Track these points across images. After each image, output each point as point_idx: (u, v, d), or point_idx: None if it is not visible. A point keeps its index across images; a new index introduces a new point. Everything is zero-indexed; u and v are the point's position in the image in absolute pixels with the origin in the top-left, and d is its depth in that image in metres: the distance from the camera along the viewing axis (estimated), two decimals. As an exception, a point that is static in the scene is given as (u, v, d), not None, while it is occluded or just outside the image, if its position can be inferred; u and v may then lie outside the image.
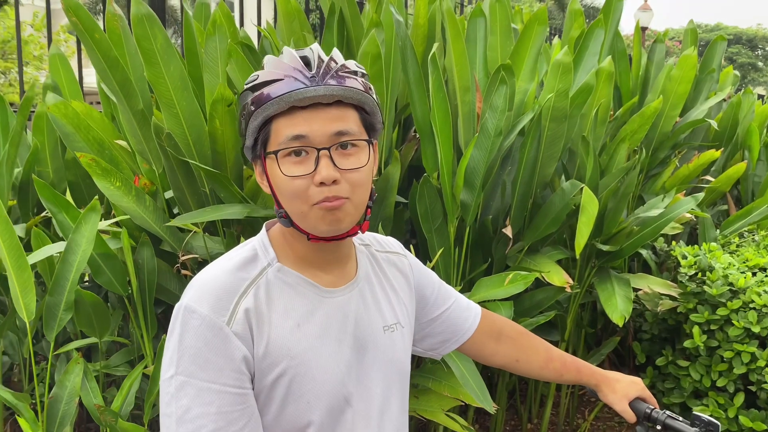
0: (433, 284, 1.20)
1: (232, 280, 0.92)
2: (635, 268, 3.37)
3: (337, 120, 0.90)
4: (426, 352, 1.24)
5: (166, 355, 0.89)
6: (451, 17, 2.22)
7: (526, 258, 2.45)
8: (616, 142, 2.65)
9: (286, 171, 0.89)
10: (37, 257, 1.97)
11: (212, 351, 0.86)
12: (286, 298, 0.94)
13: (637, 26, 3.56)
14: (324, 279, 0.99)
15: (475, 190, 2.18)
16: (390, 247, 1.16)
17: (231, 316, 0.89)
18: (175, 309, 0.90)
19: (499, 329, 1.27)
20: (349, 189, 0.91)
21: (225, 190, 2.03)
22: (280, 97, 0.88)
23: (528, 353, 1.27)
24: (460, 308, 1.23)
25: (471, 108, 2.36)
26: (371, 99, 0.94)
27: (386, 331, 1.04)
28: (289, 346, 0.92)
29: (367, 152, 0.93)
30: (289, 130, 0.89)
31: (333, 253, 0.99)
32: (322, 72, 0.89)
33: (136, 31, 1.86)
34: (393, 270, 1.12)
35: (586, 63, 2.59)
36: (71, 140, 2.26)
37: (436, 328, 1.20)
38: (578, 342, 2.96)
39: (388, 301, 1.07)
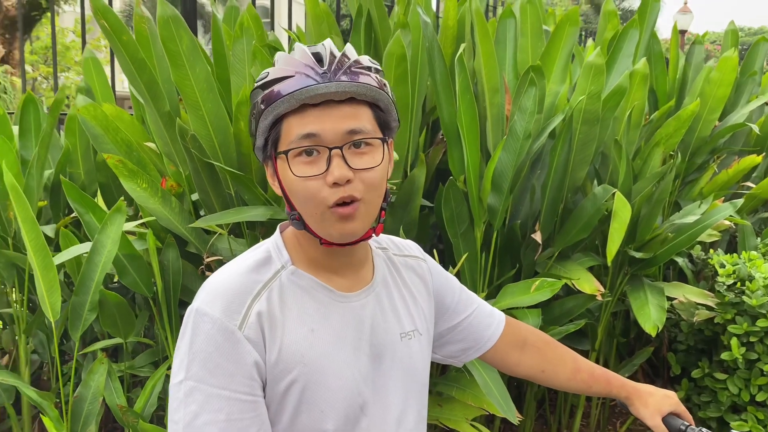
0: (454, 290, 1.15)
1: (245, 283, 0.89)
2: (671, 277, 3.26)
3: (350, 118, 0.86)
4: (446, 359, 1.20)
5: (176, 359, 0.86)
6: (479, 17, 2.18)
7: (556, 264, 2.39)
8: (650, 146, 2.57)
9: (297, 172, 0.86)
10: (64, 257, 1.98)
11: (223, 356, 0.84)
12: (300, 301, 0.91)
13: (675, 27, 3.46)
14: (339, 283, 0.95)
15: (502, 193, 2.13)
16: (408, 250, 1.12)
17: (243, 319, 0.86)
18: (187, 312, 0.88)
19: (524, 338, 1.22)
20: (363, 189, 0.87)
21: (249, 192, 2.02)
22: (290, 94, 0.84)
23: (554, 364, 1.21)
24: (483, 315, 1.18)
25: (500, 110, 2.31)
26: (386, 96, 0.90)
27: (404, 338, 1.00)
28: (302, 352, 0.88)
29: (381, 151, 0.89)
30: (300, 128, 0.85)
31: (347, 257, 0.96)
32: (335, 68, 0.86)
33: (162, 32, 1.87)
34: (411, 274, 1.08)
35: (620, 65, 2.52)
36: (100, 142, 2.28)
37: (457, 335, 1.16)
38: (610, 352, 2.87)
39: (405, 307, 1.03)
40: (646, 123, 2.89)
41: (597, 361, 2.73)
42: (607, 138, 2.51)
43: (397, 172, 2.15)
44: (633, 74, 2.45)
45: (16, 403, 2.38)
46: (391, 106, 0.92)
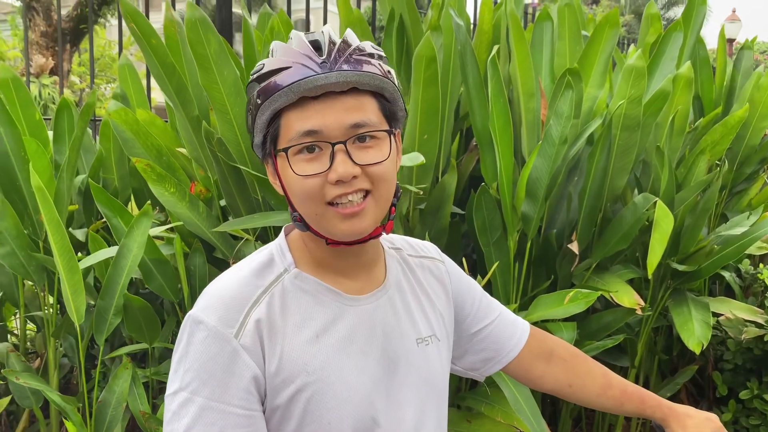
0: (474, 295, 1.08)
1: (243, 289, 0.84)
2: (717, 292, 3.11)
3: (354, 110, 0.80)
4: (467, 372, 1.12)
5: (172, 368, 0.82)
6: (514, 19, 2.11)
7: (593, 276, 2.28)
8: (695, 153, 2.45)
9: (298, 170, 0.81)
10: (91, 261, 1.98)
11: (218, 367, 0.79)
12: (304, 306, 0.86)
13: (722, 31, 3.32)
14: (347, 285, 0.89)
15: (537, 201, 2.05)
16: (424, 251, 1.05)
17: (240, 327, 0.81)
18: (184, 318, 0.83)
19: (550, 349, 1.13)
20: (370, 184, 0.82)
21: (275, 198, 1.99)
22: (288, 87, 0.79)
23: (583, 378, 1.12)
24: (506, 323, 1.10)
25: (535, 115, 2.24)
26: (391, 84, 0.84)
27: (420, 344, 0.93)
28: (305, 360, 0.83)
29: (389, 143, 0.84)
30: (300, 124, 0.80)
31: (357, 258, 0.90)
32: (335, 56, 0.80)
33: (190, 35, 1.86)
34: (428, 276, 1.01)
35: (663, 68, 2.41)
36: (130, 146, 2.29)
37: (478, 344, 1.08)
38: (651, 369, 2.74)
39: (422, 310, 0.96)
40: (691, 130, 2.76)
41: (637, 380, 2.61)
42: (648, 145, 2.40)
43: (427, 177, 2.09)
44: (677, 78, 2.34)
45: (45, 407, 2.39)
46: (397, 94, 0.86)
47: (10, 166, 2.17)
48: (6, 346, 2.30)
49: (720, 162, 2.95)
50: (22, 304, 2.38)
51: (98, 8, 10.49)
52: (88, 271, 2.21)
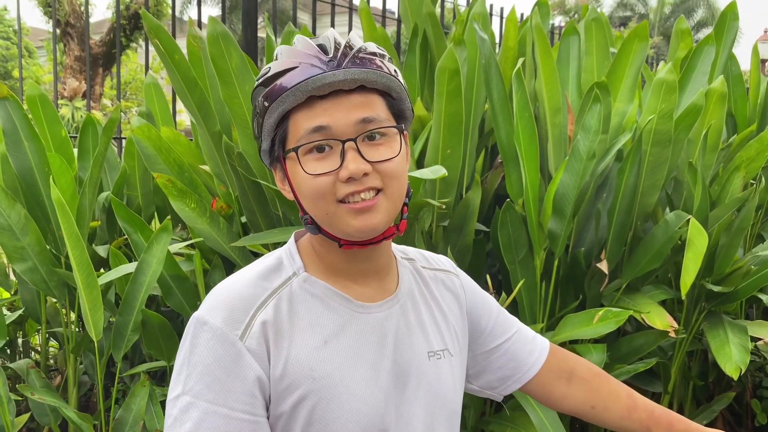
0: (491, 310, 1.03)
1: (250, 290, 0.82)
2: (754, 315, 2.99)
3: (362, 106, 0.79)
4: (483, 390, 1.06)
5: (174, 371, 0.79)
6: (540, 32, 2.08)
7: (624, 297, 2.20)
8: (729, 170, 2.36)
9: (308, 169, 0.79)
10: (111, 276, 1.97)
11: (222, 369, 0.76)
12: (312, 311, 0.83)
13: (755, 48, 3.24)
14: (358, 292, 0.86)
15: (564, 218, 1.98)
16: (438, 264, 1.01)
17: (246, 329, 0.78)
18: (189, 321, 0.81)
19: (572, 368, 1.07)
20: (382, 181, 0.79)
21: (295, 213, 1.96)
22: (295, 86, 0.77)
23: (606, 399, 1.05)
24: (524, 340, 1.05)
25: (562, 131, 2.18)
26: (397, 82, 0.82)
27: (432, 357, 0.89)
28: (311, 366, 0.79)
29: (399, 141, 0.82)
30: (309, 122, 0.78)
31: (369, 262, 0.86)
32: (341, 55, 0.78)
33: (212, 50, 1.85)
34: (442, 289, 0.97)
35: (694, 83, 2.34)
36: (152, 162, 2.28)
37: (495, 362, 1.03)
38: (685, 396, 2.63)
39: (434, 323, 0.93)
40: (724, 147, 2.68)
41: (670, 406, 2.50)
42: (680, 162, 2.33)
43: (451, 193, 2.04)
44: (709, 93, 2.27)
45: (64, 425, 2.37)
46: (404, 93, 0.84)
47: (34, 181, 2.18)
48: (26, 362, 2.29)
49: (755, 180, 2.85)
50: (44, 320, 2.38)
51: (130, 33, 10.76)
52: (108, 287, 2.20)
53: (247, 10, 3.31)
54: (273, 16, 3.09)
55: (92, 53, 10.42)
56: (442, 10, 4.08)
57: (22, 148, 2.15)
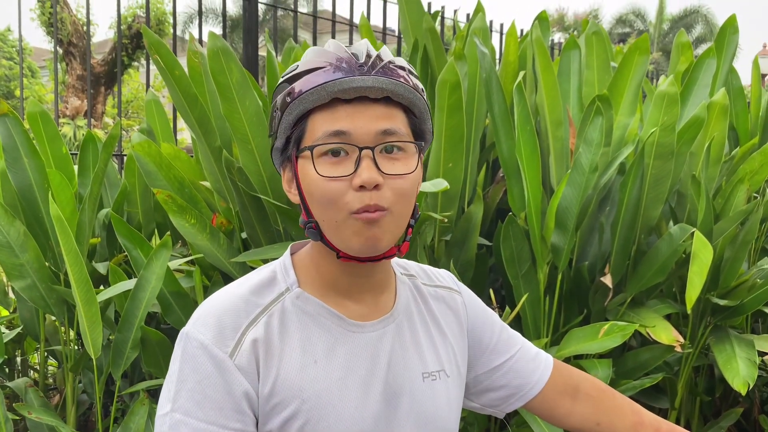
0: (493, 327, 1.01)
1: (241, 306, 0.80)
2: (759, 330, 2.96)
3: (384, 118, 0.77)
4: (485, 408, 1.04)
5: (165, 388, 0.77)
6: (540, 46, 2.08)
7: (628, 312, 2.18)
8: (732, 183, 2.35)
9: (322, 171, 0.77)
10: (110, 293, 1.95)
11: (212, 386, 0.74)
12: (304, 329, 0.81)
13: (756, 61, 3.24)
14: (352, 310, 0.84)
15: (567, 232, 1.97)
16: (440, 280, 0.99)
17: (236, 346, 0.76)
18: (178, 336, 0.79)
19: (576, 385, 1.04)
20: (392, 199, 0.77)
21: (296, 228, 1.94)
22: (321, 86, 0.76)
23: (612, 415, 1.03)
24: (527, 357, 1.02)
25: (563, 144, 2.17)
26: (423, 100, 0.81)
27: (426, 378, 0.87)
28: (301, 386, 0.77)
29: (416, 159, 0.80)
30: (329, 125, 0.76)
31: (367, 278, 0.84)
32: (371, 64, 0.77)
33: (212, 65, 1.85)
34: (442, 307, 0.95)
35: (696, 96, 2.34)
36: (153, 178, 2.27)
37: (498, 380, 1.00)
38: (692, 412, 2.59)
39: (431, 343, 0.90)
40: (727, 160, 2.66)
41: (678, 422, 2.46)
42: (683, 175, 2.31)
43: (452, 206, 2.03)
44: (711, 105, 2.26)
45: (62, 444, 2.34)
46: (427, 114, 0.83)
47: (34, 198, 2.17)
48: (24, 381, 2.27)
49: (758, 194, 2.83)
50: (43, 338, 2.35)
51: (132, 52, 10.84)
52: (108, 304, 2.17)
53: (248, 27, 3.32)
54: (274, 34, 3.10)
55: (94, 72, 10.49)
56: (442, 26, 4.10)
57: (21, 165, 2.15)
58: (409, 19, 2.43)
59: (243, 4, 3.28)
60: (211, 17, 17.37)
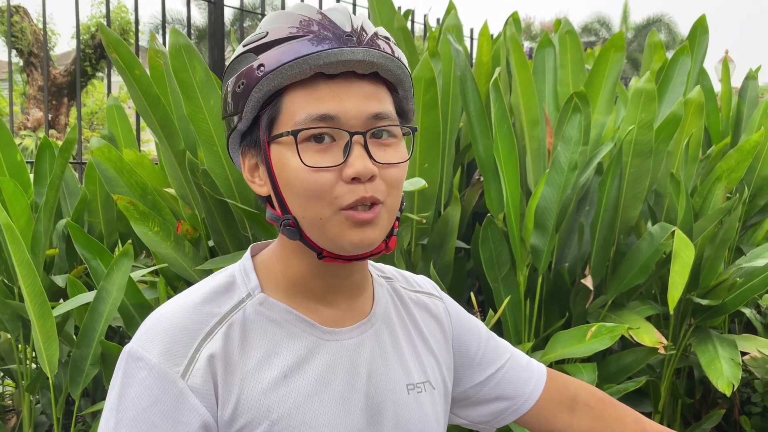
0: (480, 335, 0.92)
1: (194, 318, 0.69)
2: (737, 330, 2.94)
3: (373, 99, 0.68)
4: (476, 425, 0.94)
5: (104, 417, 0.66)
6: (515, 44, 2.03)
7: (610, 314, 2.13)
8: (710, 181, 2.32)
9: (308, 160, 0.66)
10: (68, 307, 1.83)
11: (160, 415, 0.64)
12: (270, 339, 0.71)
13: (725, 62, 3.26)
14: (325, 315, 0.74)
15: (547, 233, 1.91)
16: (420, 286, 0.90)
17: (189, 365, 0.66)
18: (121, 354, 0.68)
19: (573, 395, 0.95)
20: (385, 190, 0.68)
21: (267, 234, 1.85)
22: (303, 57, 0.65)
23: (613, 426, 0.94)
24: (519, 367, 0.93)
25: (540, 144, 2.12)
26: (409, 77, 0.72)
27: (411, 390, 0.78)
28: (268, 406, 0.67)
29: (404, 145, 0.71)
30: (313, 107, 0.66)
31: (344, 279, 0.75)
32: (360, 33, 0.67)
33: (174, 63, 1.75)
34: (423, 314, 0.86)
35: (672, 94, 2.31)
36: (113, 185, 2.16)
37: (488, 393, 0.91)
38: (674, 414, 2.55)
39: (414, 351, 0.81)
40: (703, 158, 2.65)
41: (660, 426, 2.42)
42: (660, 174, 2.28)
43: (429, 208, 1.96)
44: (687, 103, 2.23)
45: (18, 470, 2.20)
46: (411, 92, 0.74)
47: (-15, 207, 2.04)
48: (-23, 403, 2.13)
49: (732, 194, 2.83)
50: (-3, 357, 2.22)
51: (96, 62, 10.61)
52: (66, 318, 2.05)
53: (214, 31, 3.22)
54: (240, 38, 3.01)
55: (57, 83, 10.23)
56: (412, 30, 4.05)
57: (-29, 173, 2.02)
58: (381, 19, 2.36)
59: (208, 7, 3.19)
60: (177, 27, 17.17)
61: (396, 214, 0.73)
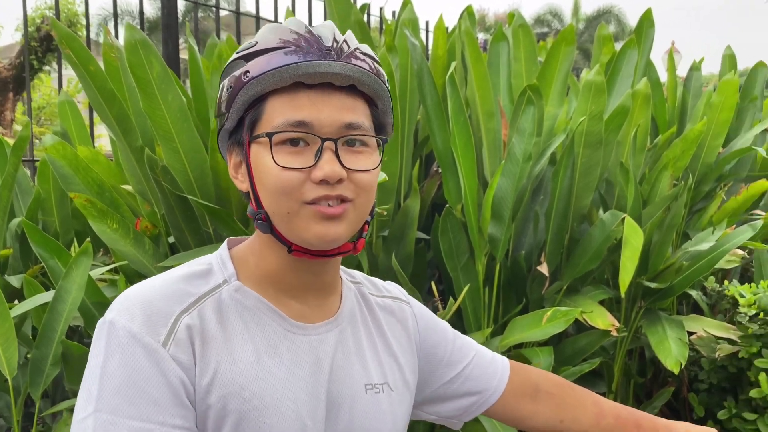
0: (446, 337, 0.97)
1: (173, 292, 0.72)
2: (684, 311, 3.07)
3: (348, 110, 0.73)
4: (445, 419, 1.00)
5: (83, 390, 0.68)
6: (470, 38, 2.07)
7: (565, 299, 2.20)
8: (657, 169, 2.42)
9: (280, 160, 0.71)
10: (24, 307, 1.80)
11: (145, 379, 0.66)
12: (243, 323, 0.74)
13: (671, 53, 3.38)
14: (294, 309, 0.78)
15: (504, 222, 1.97)
16: (388, 291, 0.95)
17: (169, 334, 0.69)
18: (97, 326, 0.70)
19: (535, 384, 1.02)
20: (354, 191, 0.73)
21: (228, 229, 1.86)
22: (284, 67, 0.70)
23: (574, 411, 1.01)
24: (484, 363, 0.99)
25: (496, 136, 2.18)
26: (387, 92, 0.77)
27: (369, 390, 0.82)
28: (242, 383, 0.71)
29: (378, 154, 0.77)
30: (290, 113, 0.71)
31: (314, 276, 0.79)
32: (339, 48, 0.72)
33: (130, 59, 1.74)
34: (389, 318, 0.90)
35: (620, 86, 2.40)
36: (69, 182, 2.13)
37: (456, 389, 0.97)
38: (627, 394, 2.66)
39: (375, 353, 0.86)
40: (650, 148, 2.75)
41: (614, 405, 2.51)
42: (611, 164, 2.37)
43: (389, 201, 1.99)
44: (635, 94, 2.32)
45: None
46: (390, 106, 0.79)
47: (-66, 208, 1.99)
48: (-69, 408, 2.08)
49: (677, 182, 2.95)
50: (-50, 360, 2.16)
51: (42, 56, 10.27)
52: (23, 319, 2.02)
53: (167, 24, 3.18)
54: (195, 31, 2.98)
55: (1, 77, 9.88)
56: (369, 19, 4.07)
57: None
58: (337, 13, 2.38)
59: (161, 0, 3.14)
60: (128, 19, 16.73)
61: (366, 217, 0.77)
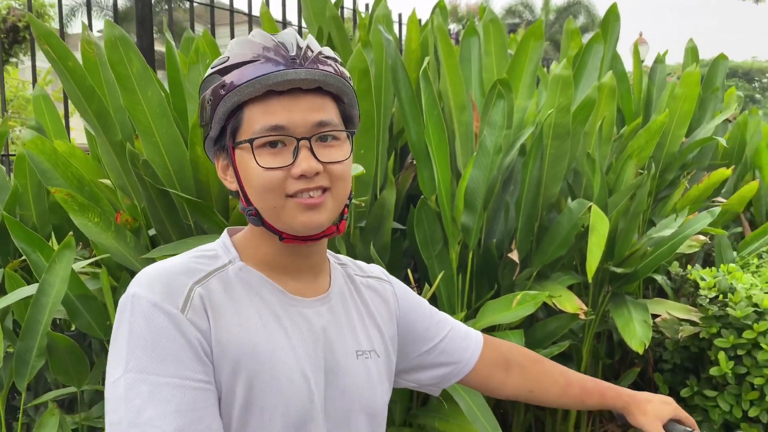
0: (423, 313, 1.07)
1: (185, 268, 0.81)
2: (650, 295, 3.19)
3: (317, 109, 0.81)
4: (424, 387, 1.10)
5: (112, 358, 0.75)
6: (442, 33, 2.13)
7: (535, 285, 2.29)
8: (623, 159, 2.52)
9: (262, 162, 0.80)
10: (7, 301, 1.83)
11: (168, 339, 0.74)
12: (248, 296, 0.83)
13: (636, 46, 3.48)
14: (292, 286, 0.88)
15: (476, 212, 2.05)
16: (371, 272, 1.04)
17: (186, 302, 0.77)
18: (120, 302, 0.78)
19: (507, 356, 1.12)
20: (331, 180, 0.82)
21: (209, 221, 1.90)
22: (256, 79, 0.78)
23: (542, 381, 1.12)
24: (458, 337, 1.10)
25: (468, 128, 2.25)
26: (351, 88, 0.86)
27: (360, 356, 0.91)
28: (253, 345, 0.79)
29: (349, 145, 0.85)
30: (266, 119, 0.79)
31: (306, 258, 0.88)
32: (303, 55, 0.80)
33: (110, 55, 1.77)
34: (372, 295, 1.00)
35: (587, 79, 2.48)
36: (48, 177, 2.15)
37: (433, 360, 1.07)
38: (596, 374, 2.77)
39: (363, 325, 0.95)
40: (616, 138, 2.85)
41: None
42: (578, 154, 2.46)
43: (366, 192, 2.05)
44: (600, 87, 2.41)
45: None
46: (355, 100, 0.88)
47: None
48: None
49: (643, 170, 3.05)
50: (-69, 355, 2.17)
51: (9, 48, 10.07)
52: (5, 313, 2.04)
53: (142, 18, 3.18)
54: (170, 25, 2.99)
55: (-34, 70, 9.65)
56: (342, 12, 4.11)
57: None
58: (312, 8, 2.42)
59: (135, -6, 3.14)
60: (96, 10, 16.44)
61: (345, 201, 0.86)
